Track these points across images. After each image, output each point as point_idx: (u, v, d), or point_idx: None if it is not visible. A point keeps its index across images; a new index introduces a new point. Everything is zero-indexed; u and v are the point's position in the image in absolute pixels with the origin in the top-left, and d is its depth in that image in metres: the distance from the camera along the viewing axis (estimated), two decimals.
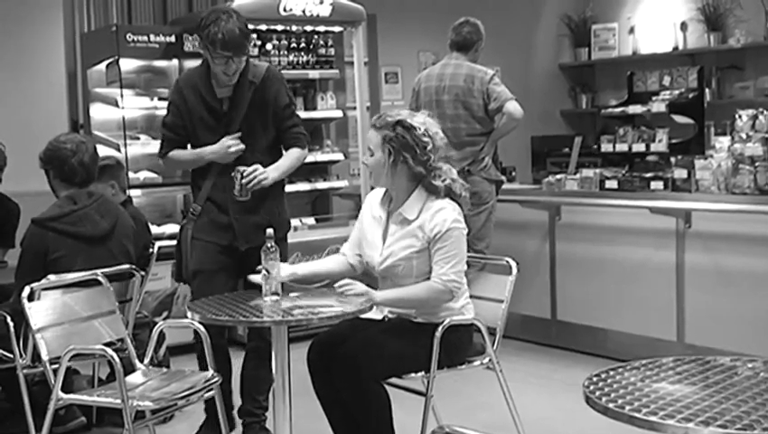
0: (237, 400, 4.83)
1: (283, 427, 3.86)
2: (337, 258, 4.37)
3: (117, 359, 3.78)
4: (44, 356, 4.03)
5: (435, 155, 4.12)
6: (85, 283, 4.43)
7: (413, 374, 4.05)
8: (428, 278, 4.05)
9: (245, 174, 4.47)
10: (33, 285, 4.23)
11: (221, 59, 4.50)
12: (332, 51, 7.85)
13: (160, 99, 7.44)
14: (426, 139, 4.08)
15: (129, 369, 4.31)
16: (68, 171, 4.88)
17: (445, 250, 4.03)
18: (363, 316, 4.15)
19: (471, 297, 4.29)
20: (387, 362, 4.01)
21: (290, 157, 4.78)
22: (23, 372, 4.41)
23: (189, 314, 3.86)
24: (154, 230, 6.52)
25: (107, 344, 4.14)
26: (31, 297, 4.14)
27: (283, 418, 3.85)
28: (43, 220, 4.75)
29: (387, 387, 4.00)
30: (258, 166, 4.53)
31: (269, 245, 3.92)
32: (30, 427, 4.39)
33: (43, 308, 4.17)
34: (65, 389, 3.99)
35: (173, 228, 6.84)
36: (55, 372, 3.96)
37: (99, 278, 4.44)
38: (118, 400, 3.81)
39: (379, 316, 4.20)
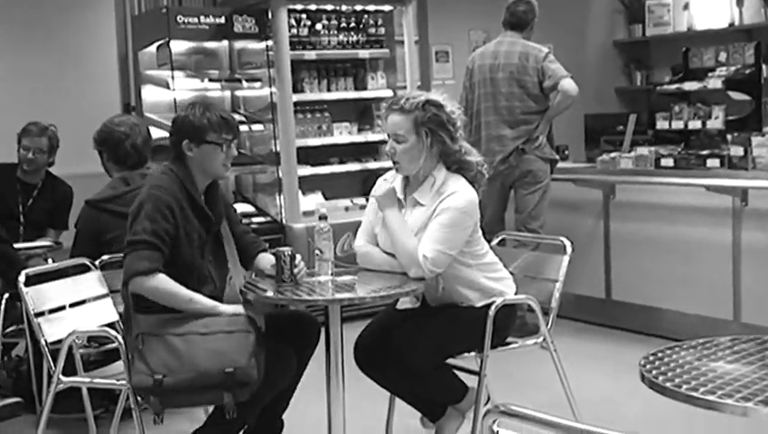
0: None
1: (336, 407, 3.88)
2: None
3: (121, 340, 3.77)
4: (42, 340, 3.96)
5: (461, 134, 4.07)
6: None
7: (466, 354, 4.07)
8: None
9: (296, 261, 3.91)
10: (28, 270, 4.20)
11: (226, 144, 3.92)
12: (382, 30, 7.84)
13: (210, 80, 7.50)
14: (454, 116, 4.01)
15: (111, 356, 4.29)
16: (121, 154, 4.96)
17: (436, 228, 3.90)
18: (401, 306, 4.17)
19: (525, 276, 4.29)
20: (433, 351, 4.01)
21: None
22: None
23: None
24: None
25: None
26: (28, 283, 4.08)
27: (336, 398, 3.87)
28: (97, 201, 4.82)
29: None
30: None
31: (322, 226, 3.93)
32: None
33: (41, 293, 4.14)
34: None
35: None
36: (55, 355, 3.94)
37: (88, 264, 4.40)
38: (123, 382, 3.76)
39: (416, 305, 4.18)
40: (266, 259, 4.07)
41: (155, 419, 3.64)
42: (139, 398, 3.72)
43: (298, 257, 3.93)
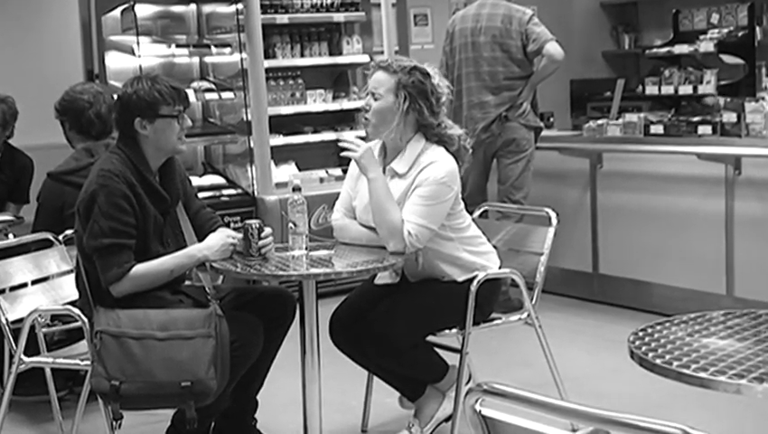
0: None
1: (312, 386, 3.88)
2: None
3: (84, 319, 3.74)
4: (3, 319, 3.96)
5: (443, 110, 4.08)
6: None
7: (447, 331, 4.07)
8: None
9: (264, 235, 3.85)
10: None
11: (180, 115, 3.89)
12: None
13: (178, 45, 7.45)
14: (440, 90, 4.03)
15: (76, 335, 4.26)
16: (84, 123, 4.93)
17: (417, 201, 3.90)
18: (379, 282, 4.17)
19: (509, 250, 4.29)
20: (413, 328, 4.02)
21: None
22: None
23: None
24: None
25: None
26: None
27: (311, 376, 3.87)
28: (60, 173, 4.79)
29: None
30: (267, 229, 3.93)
31: (296, 198, 3.91)
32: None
33: (2, 269, 4.14)
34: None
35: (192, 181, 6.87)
36: (16, 335, 3.92)
37: (51, 239, 4.42)
38: (87, 362, 3.71)
39: (395, 280, 4.19)
40: None
41: (113, 425, 3.61)
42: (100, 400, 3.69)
43: (267, 230, 3.89)
